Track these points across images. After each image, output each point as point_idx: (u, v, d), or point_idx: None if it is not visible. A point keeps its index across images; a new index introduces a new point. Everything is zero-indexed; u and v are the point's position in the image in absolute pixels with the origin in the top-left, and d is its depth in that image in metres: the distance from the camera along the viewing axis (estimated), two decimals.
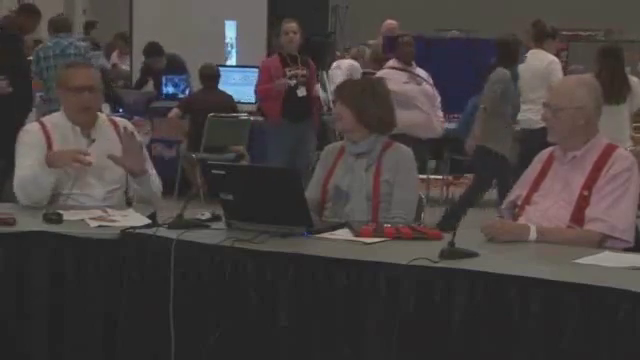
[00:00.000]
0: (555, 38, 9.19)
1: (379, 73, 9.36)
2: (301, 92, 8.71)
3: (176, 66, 11.15)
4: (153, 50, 11.13)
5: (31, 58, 9.12)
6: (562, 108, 4.07)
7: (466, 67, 12.03)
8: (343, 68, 11.98)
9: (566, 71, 9.50)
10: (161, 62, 11.12)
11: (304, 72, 8.76)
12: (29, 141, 4.61)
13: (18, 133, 4.70)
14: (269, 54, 10.31)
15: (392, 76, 9.02)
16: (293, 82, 8.66)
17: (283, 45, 8.81)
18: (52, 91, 8.46)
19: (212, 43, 11.53)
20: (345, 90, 4.63)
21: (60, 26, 9.18)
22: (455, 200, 8.93)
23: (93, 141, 4.63)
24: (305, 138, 8.79)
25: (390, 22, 12.64)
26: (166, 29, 11.54)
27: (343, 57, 12.99)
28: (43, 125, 4.68)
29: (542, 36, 9.09)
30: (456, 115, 10.59)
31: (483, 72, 8.46)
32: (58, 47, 8.79)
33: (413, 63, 9.56)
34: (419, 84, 9.55)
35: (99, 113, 4.80)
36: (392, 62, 9.53)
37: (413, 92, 9.42)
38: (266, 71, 8.81)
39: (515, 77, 8.27)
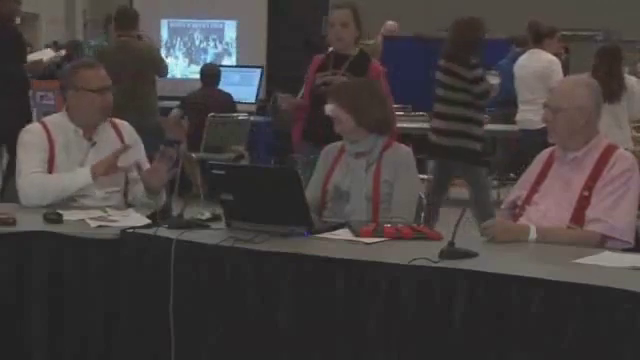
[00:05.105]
0: (553, 37, 9.19)
1: None
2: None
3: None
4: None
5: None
6: (562, 109, 4.07)
7: None
8: None
9: (566, 72, 9.51)
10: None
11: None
12: (31, 140, 4.59)
13: (18, 130, 4.69)
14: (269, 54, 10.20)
15: None
16: None
17: None
18: None
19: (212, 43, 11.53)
20: (342, 93, 4.56)
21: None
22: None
23: (94, 144, 4.62)
24: None
25: (390, 23, 12.65)
26: (166, 29, 11.54)
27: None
28: (44, 125, 4.66)
29: (538, 36, 9.10)
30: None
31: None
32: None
33: None
34: None
35: None
36: None
37: None
38: None
39: None
